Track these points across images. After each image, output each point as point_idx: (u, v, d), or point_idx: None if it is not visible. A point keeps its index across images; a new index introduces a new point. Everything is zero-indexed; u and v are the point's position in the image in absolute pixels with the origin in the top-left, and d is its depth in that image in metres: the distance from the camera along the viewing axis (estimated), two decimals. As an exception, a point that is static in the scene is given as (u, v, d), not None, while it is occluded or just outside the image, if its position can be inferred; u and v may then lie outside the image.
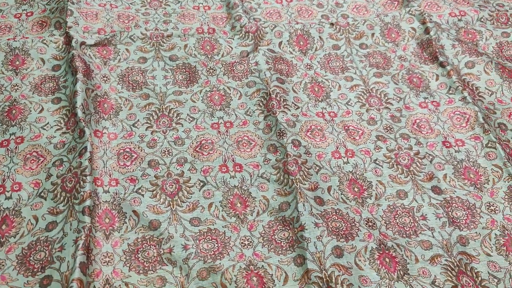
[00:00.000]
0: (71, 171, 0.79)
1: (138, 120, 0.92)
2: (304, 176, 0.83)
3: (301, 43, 1.07)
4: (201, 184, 0.84)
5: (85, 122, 0.85)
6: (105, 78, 0.96)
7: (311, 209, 0.79)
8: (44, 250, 0.72)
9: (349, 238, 0.77)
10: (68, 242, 0.71)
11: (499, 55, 1.07)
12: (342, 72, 1.03)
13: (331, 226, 0.78)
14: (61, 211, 0.76)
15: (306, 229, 0.76)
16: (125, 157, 0.86)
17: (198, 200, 0.81)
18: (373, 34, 1.09)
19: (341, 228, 0.78)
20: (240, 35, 1.06)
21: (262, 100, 0.95)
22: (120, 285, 0.71)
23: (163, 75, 0.99)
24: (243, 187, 0.83)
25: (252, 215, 0.80)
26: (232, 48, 1.04)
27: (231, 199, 0.82)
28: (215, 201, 0.82)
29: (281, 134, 0.89)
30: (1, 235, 0.74)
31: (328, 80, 1.01)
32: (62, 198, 0.77)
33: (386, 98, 0.98)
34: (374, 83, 1.01)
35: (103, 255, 0.74)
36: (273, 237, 0.77)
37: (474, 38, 1.09)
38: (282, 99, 0.94)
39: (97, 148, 0.85)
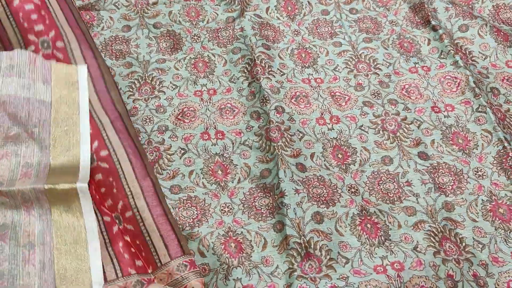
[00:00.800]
0: None
1: (121, 88, 0.90)
2: (286, 143, 0.82)
3: (289, 8, 1.04)
4: (182, 151, 0.82)
5: None
6: None
7: (292, 175, 0.78)
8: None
9: (330, 204, 0.76)
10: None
11: (495, 18, 1.03)
12: (331, 37, 1.00)
13: (312, 193, 0.76)
14: None
15: (286, 196, 0.75)
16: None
17: (179, 168, 0.80)
18: (364, -1, 1.06)
19: (322, 195, 0.77)
20: (227, 0, 1.03)
21: (247, 66, 0.93)
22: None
23: (146, 43, 0.97)
24: (224, 155, 0.82)
25: (233, 182, 0.79)
26: (217, 14, 1.01)
27: (212, 167, 0.81)
28: (196, 168, 0.80)
29: (265, 100, 0.87)
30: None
31: (316, 46, 0.98)
32: None
33: (375, 63, 0.95)
34: (363, 49, 0.98)
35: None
36: (253, 203, 0.76)
37: (470, 0, 1.05)
38: (267, 66, 0.92)
39: None
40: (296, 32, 1.00)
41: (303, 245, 0.70)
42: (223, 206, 0.76)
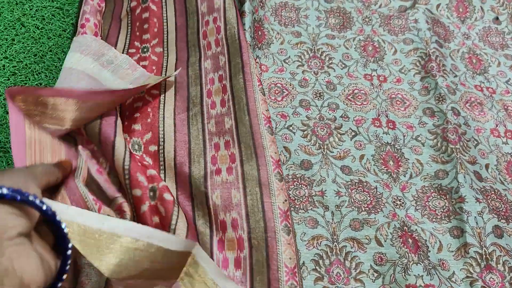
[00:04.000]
0: None
1: (289, 56, 0.87)
2: (464, 147, 0.78)
3: (460, 9, 1.00)
4: (353, 133, 0.79)
5: (259, 47, 0.81)
6: (261, 3, 0.91)
7: (472, 182, 0.74)
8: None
9: (510, 220, 0.72)
10: None
11: None
12: (502, 49, 0.95)
13: (492, 205, 0.73)
14: None
15: (467, 202, 0.72)
16: (276, 92, 0.82)
17: (350, 149, 0.78)
18: (537, 15, 1.01)
19: (501, 209, 0.73)
20: (399, -12, 0.99)
21: (420, 60, 0.89)
22: (272, 217, 0.69)
23: (316, 16, 0.94)
24: (396, 146, 0.79)
25: (405, 176, 0.76)
26: (390, 1, 0.98)
27: (383, 155, 0.78)
28: (367, 154, 0.77)
29: (441, 99, 0.83)
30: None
31: (487, 54, 0.94)
32: None
33: (548, 84, 0.91)
34: (536, 67, 0.93)
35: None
36: (426, 203, 0.73)
37: None
38: (441, 63, 0.88)
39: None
40: (466, 36, 0.96)
41: (484, 256, 0.67)
42: (394, 198, 0.73)
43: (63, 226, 0.38)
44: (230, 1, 0.81)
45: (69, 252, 0.39)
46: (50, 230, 0.40)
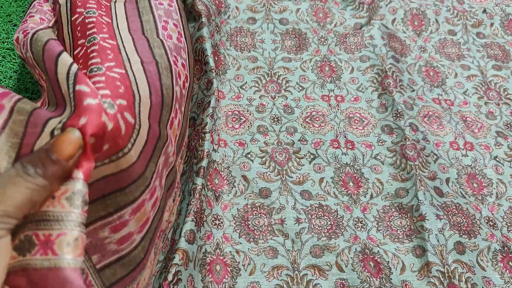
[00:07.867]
0: (194, 129, 0.76)
1: (246, 82, 0.87)
2: (423, 163, 0.78)
3: (416, 23, 1.00)
4: (312, 157, 0.79)
5: (216, 73, 0.81)
6: (217, 28, 0.91)
7: (432, 199, 0.74)
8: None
9: (472, 235, 0.72)
10: (183, 207, 0.68)
11: None
12: (458, 59, 0.96)
13: (452, 220, 0.73)
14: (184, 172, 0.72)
15: (427, 220, 0.71)
16: (234, 119, 0.82)
17: (309, 173, 0.77)
18: (492, 24, 1.02)
19: (462, 224, 0.73)
20: (354, 6, 1.00)
21: (377, 77, 0.89)
22: (230, 251, 0.68)
23: (271, 39, 0.94)
24: (355, 166, 0.78)
25: (365, 197, 0.75)
26: (345, 19, 0.98)
27: (342, 177, 0.77)
28: (326, 176, 0.77)
29: (398, 115, 0.83)
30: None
31: (444, 66, 0.94)
32: (187, 158, 0.74)
33: (505, 93, 0.92)
34: (493, 76, 0.94)
35: (214, 217, 0.70)
36: (388, 223, 0.73)
37: None
38: (398, 79, 0.89)
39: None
40: (422, 49, 0.97)
41: (446, 274, 0.67)
42: (356, 221, 0.73)
43: None
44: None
45: None
46: None
